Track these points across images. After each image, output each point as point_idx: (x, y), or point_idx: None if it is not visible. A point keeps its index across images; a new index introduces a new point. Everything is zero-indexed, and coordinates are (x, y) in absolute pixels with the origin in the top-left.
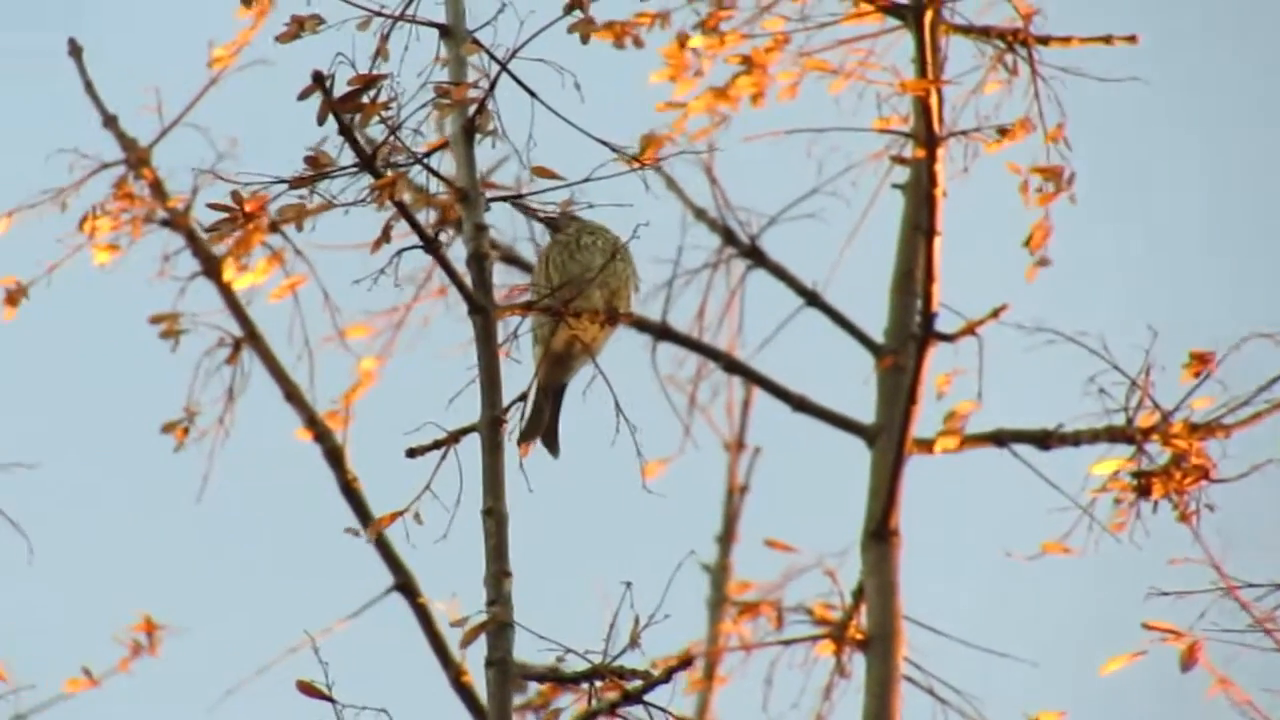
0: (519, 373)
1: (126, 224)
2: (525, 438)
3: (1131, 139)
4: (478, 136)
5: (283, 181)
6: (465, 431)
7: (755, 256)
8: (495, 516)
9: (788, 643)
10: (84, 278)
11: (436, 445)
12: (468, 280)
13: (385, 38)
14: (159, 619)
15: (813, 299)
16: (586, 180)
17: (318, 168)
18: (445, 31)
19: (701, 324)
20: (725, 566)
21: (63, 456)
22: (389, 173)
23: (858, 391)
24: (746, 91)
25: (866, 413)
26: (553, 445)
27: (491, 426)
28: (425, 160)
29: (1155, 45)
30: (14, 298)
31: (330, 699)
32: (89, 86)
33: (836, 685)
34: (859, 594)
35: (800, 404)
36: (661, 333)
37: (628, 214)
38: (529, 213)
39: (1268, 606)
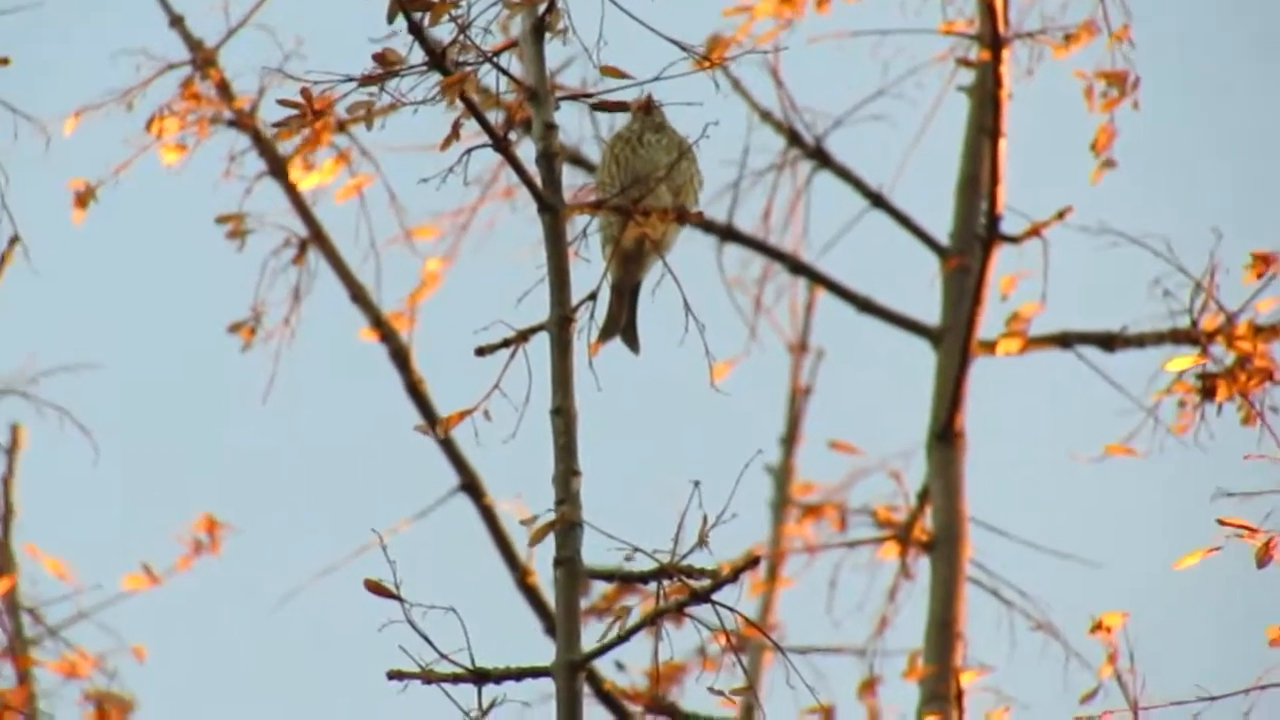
0: (588, 272)
1: (193, 124)
2: (604, 336)
3: (1196, 41)
4: (547, 35)
5: (351, 79)
6: (534, 330)
7: (820, 158)
8: (564, 415)
9: (852, 544)
10: (151, 178)
11: (505, 344)
12: (537, 179)
13: None
14: (223, 519)
15: (878, 201)
16: (655, 80)
17: (386, 66)
18: None
19: (767, 225)
20: (789, 468)
21: (129, 357)
22: (458, 72)
23: (923, 293)
24: None
25: (932, 314)
26: (633, 342)
27: (560, 325)
28: (494, 59)
29: None
30: (83, 199)
31: (398, 598)
32: None
33: (901, 587)
34: (924, 496)
35: (865, 305)
36: (727, 233)
37: (696, 114)
38: (606, 107)
39: None
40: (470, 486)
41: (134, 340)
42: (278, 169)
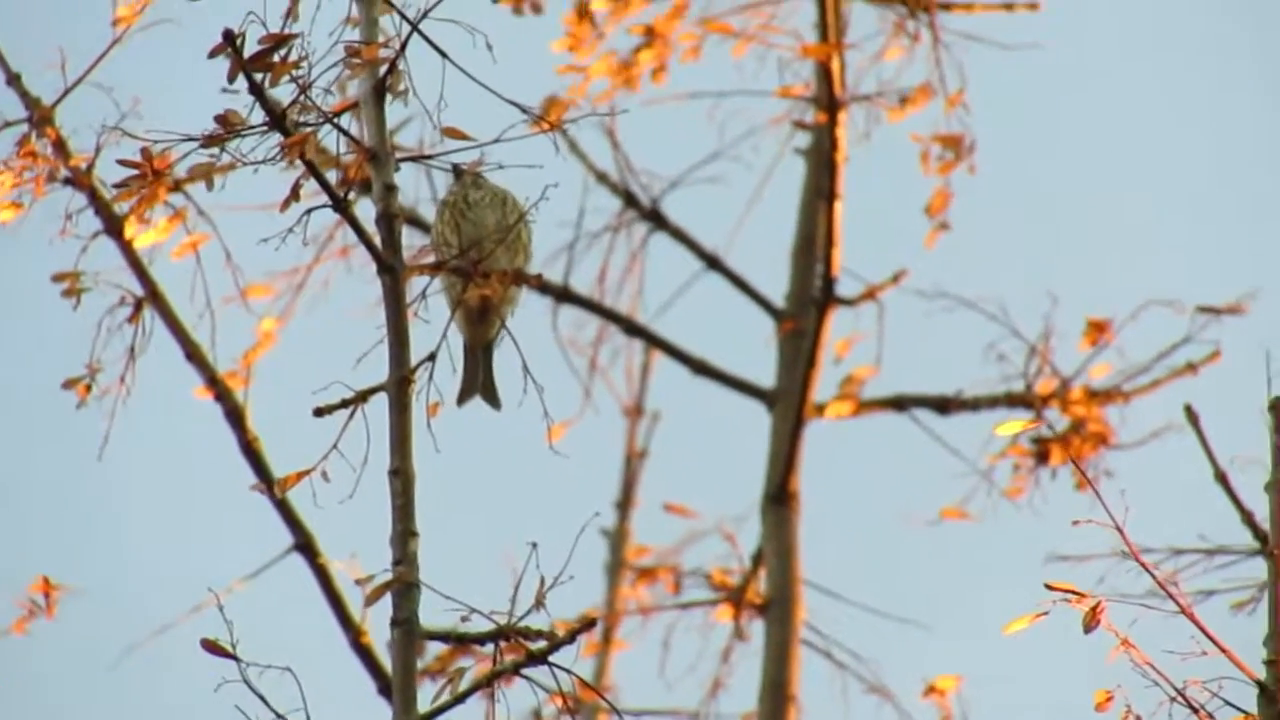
0: (428, 333)
1: (29, 182)
2: (464, 396)
3: (1033, 105)
4: (388, 97)
5: (192, 139)
6: (373, 391)
7: (656, 220)
8: (402, 476)
9: (686, 606)
10: None
11: (344, 404)
12: (376, 240)
13: None
14: (57, 580)
15: (713, 263)
16: (495, 141)
17: (228, 126)
18: None
19: (603, 287)
20: (624, 531)
21: None
22: (298, 132)
23: (758, 356)
24: (649, 65)
25: (767, 377)
26: (493, 399)
27: (399, 386)
28: (335, 120)
29: (1056, 10)
30: None
31: (234, 657)
32: None
33: (735, 649)
34: (758, 558)
35: (700, 368)
36: (563, 295)
37: (535, 175)
38: (443, 167)
39: (1167, 570)
40: (305, 546)
41: None
42: (114, 227)
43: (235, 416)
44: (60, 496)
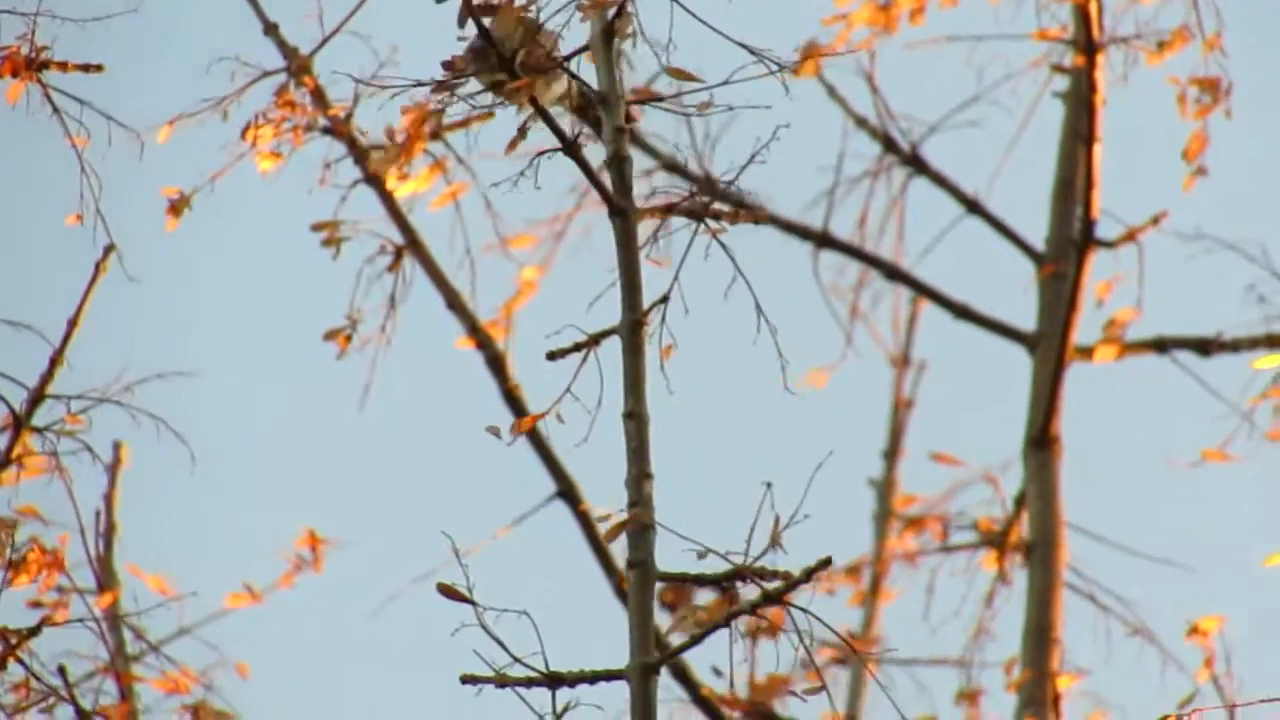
0: (660, 276)
1: (288, 132)
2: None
3: None
4: (616, 40)
5: (423, 85)
6: (606, 334)
7: (916, 164)
8: (636, 419)
9: (950, 549)
10: (246, 186)
11: (577, 348)
12: (608, 182)
13: None
14: (322, 532)
15: (973, 207)
16: (724, 83)
17: (455, 72)
18: None
19: (863, 232)
20: (891, 481)
21: (225, 366)
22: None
23: (1018, 299)
24: (907, 7)
25: (1027, 320)
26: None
27: (632, 329)
28: (565, 64)
29: None
30: (177, 207)
31: (471, 601)
32: None
33: (998, 593)
34: (1020, 502)
35: (962, 312)
36: (823, 240)
37: (781, 118)
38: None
39: None
40: (567, 493)
41: (230, 348)
42: (373, 176)
43: (496, 364)
44: (321, 447)
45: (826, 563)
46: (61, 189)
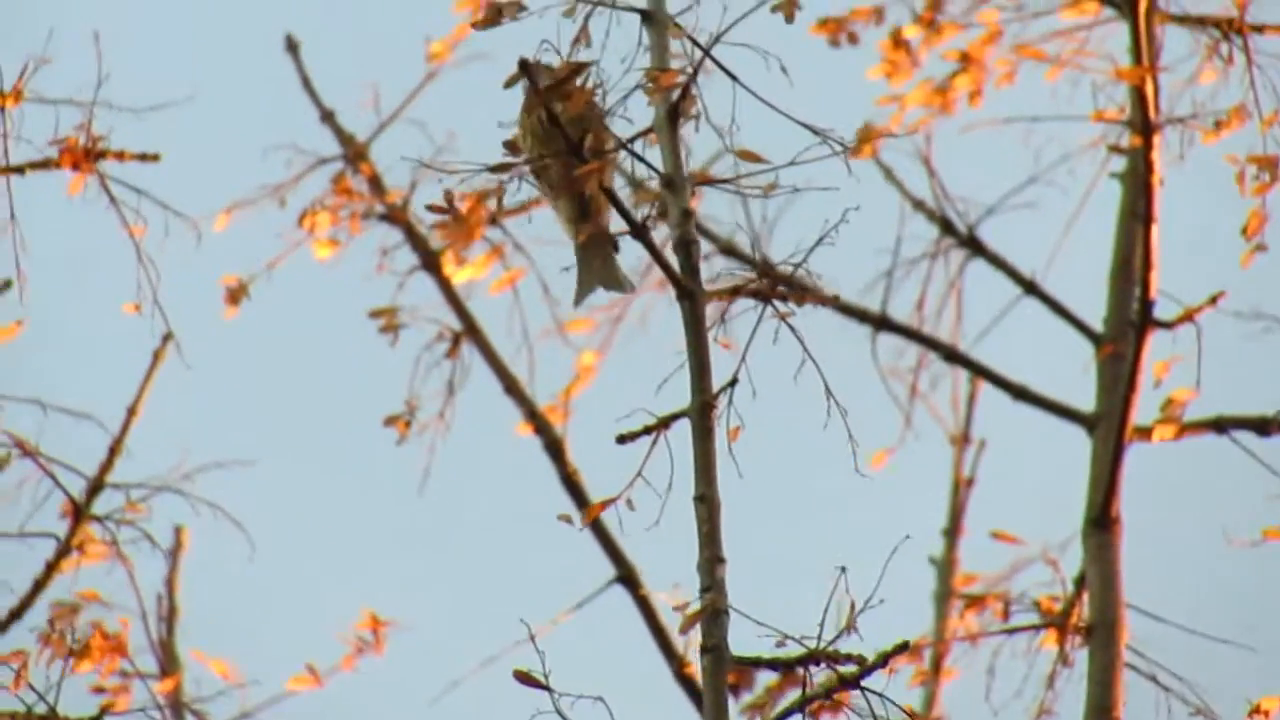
0: (727, 358)
1: (345, 219)
2: (581, 294)
3: None
4: (681, 121)
5: (486, 168)
6: (675, 417)
7: (973, 246)
8: (708, 502)
9: (1011, 631)
10: (303, 273)
11: (646, 431)
12: (675, 266)
13: (586, 22)
14: (382, 615)
15: (1031, 288)
16: (791, 164)
17: (516, 153)
18: (646, 16)
19: (921, 314)
20: (952, 560)
21: (283, 453)
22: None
23: (1077, 380)
24: (964, 90)
25: (1086, 401)
26: (615, 281)
27: (701, 412)
28: (630, 146)
29: None
30: (235, 295)
31: (547, 687)
32: (306, 82)
33: (1059, 674)
34: (1080, 582)
35: (1021, 393)
36: (881, 323)
37: (835, 199)
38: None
39: None
40: (626, 578)
41: (288, 435)
42: (430, 262)
43: (555, 449)
44: (380, 533)
45: (903, 647)
46: (119, 278)
